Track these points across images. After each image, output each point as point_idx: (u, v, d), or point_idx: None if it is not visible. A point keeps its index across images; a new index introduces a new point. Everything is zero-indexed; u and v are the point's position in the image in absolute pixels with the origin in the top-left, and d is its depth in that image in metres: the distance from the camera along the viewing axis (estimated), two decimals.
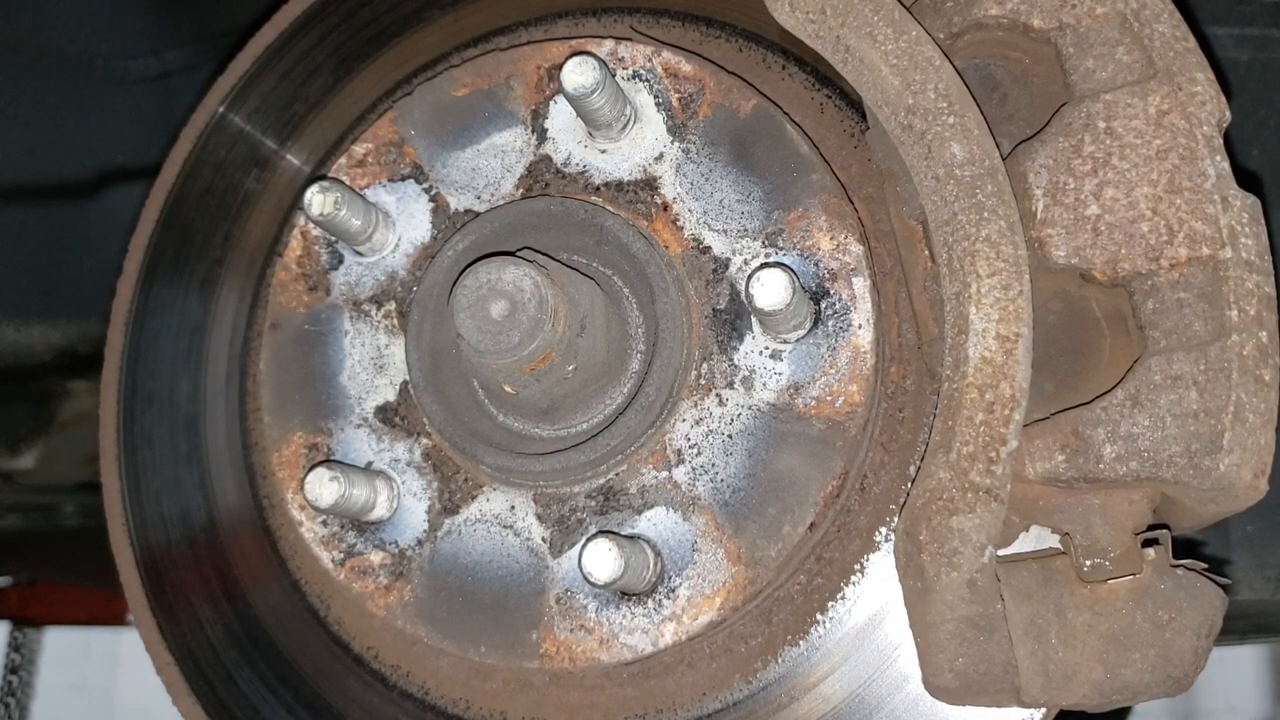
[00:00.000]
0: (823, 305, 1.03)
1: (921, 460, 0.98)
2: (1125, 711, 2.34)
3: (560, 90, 1.04)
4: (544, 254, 1.06)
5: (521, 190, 1.12)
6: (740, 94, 1.08)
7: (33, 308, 1.74)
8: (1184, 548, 1.02)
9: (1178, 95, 0.93)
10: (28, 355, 1.75)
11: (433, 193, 1.15)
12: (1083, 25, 0.97)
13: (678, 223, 1.07)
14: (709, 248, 1.06)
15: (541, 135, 1.13)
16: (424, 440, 1.11)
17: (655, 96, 1.09)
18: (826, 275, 1.04)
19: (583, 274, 1.07)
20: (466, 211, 1.14)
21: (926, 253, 1.01)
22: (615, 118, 1.07)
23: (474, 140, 1.14)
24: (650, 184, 1.08)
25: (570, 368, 1.04)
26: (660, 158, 1.08)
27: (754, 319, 1.03)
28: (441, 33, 1.25)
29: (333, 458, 1.12)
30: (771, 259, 1.05)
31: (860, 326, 1.03)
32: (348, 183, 1.16)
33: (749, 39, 1.16)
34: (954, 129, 0.94)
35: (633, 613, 1.02)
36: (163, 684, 1.20)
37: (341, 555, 1.10)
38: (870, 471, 1.06)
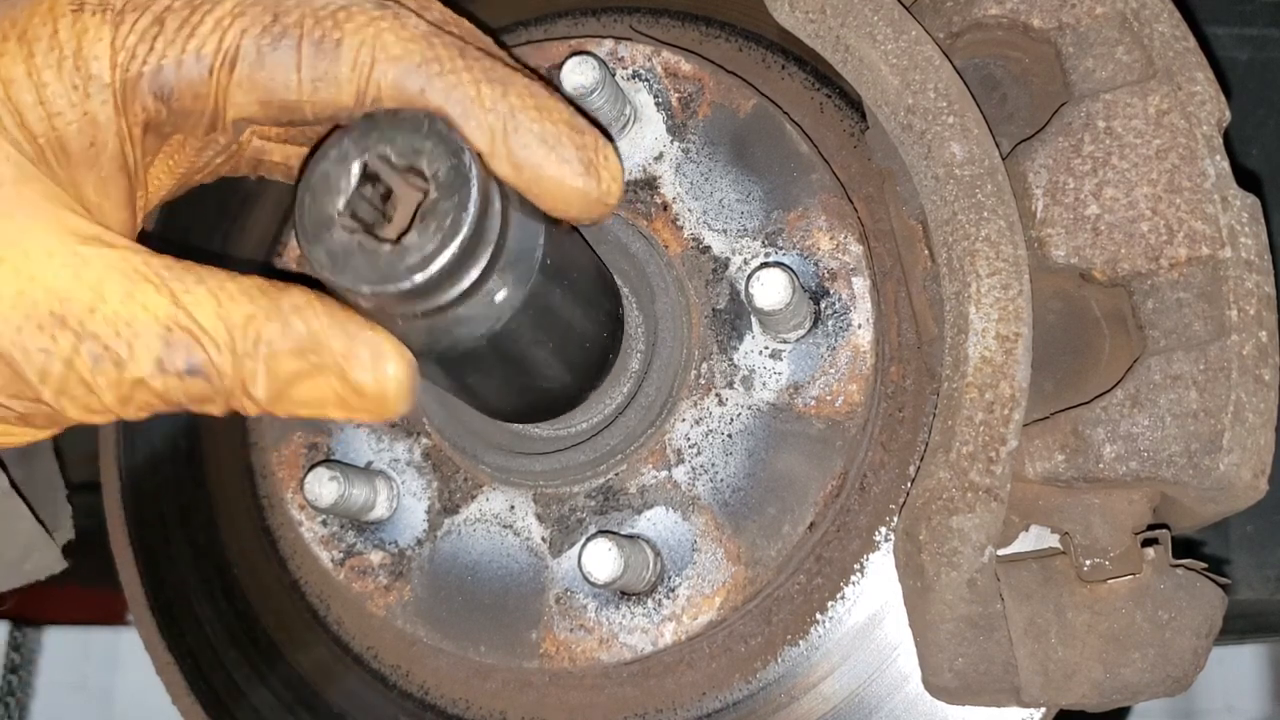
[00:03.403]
0: (822, 305, 1.03)
1: (921, 460, 0.98)
2: (1125, 711, 2.34)
3: (560, 90, 1.04)
4: None
5: None
6: (740, 93, 1.08)
7: None
8: (1184, 547, 1.02)
9: (1177, 95, 0.93)
10: None
11: None
12: (1082, 25, 0.97)
13: (677, 222, 1.07)
14: (708, 247, 1.06)
15: None
16: (424, 440, 1.11)
17: (655, 96, 1.09)
18: (826, 275, 1.04)
19: None
20: None
21: (926, 252, 1.01)
22: (615, 117, 1.07)
23: None
24: (650, 183, 1.08)
25: None
26: (660, 157, 1.08)
27: (754, 318, 1.03)
28: None
29: (332, 457, 1.12)
30: (771, 259, 1.05)
31: (860, 326, 1.03)
32: None
33: (749, 39, 1.16)
34: (954, 129, 0.94)
35: (632, 612, 1.02)
36: (163, 684, 1.20)
37: (341, 555, 1.10)
38: (870, 471, 1.06)
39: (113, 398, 0.79)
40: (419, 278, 0.76)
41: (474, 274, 0.79)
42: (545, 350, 0.93)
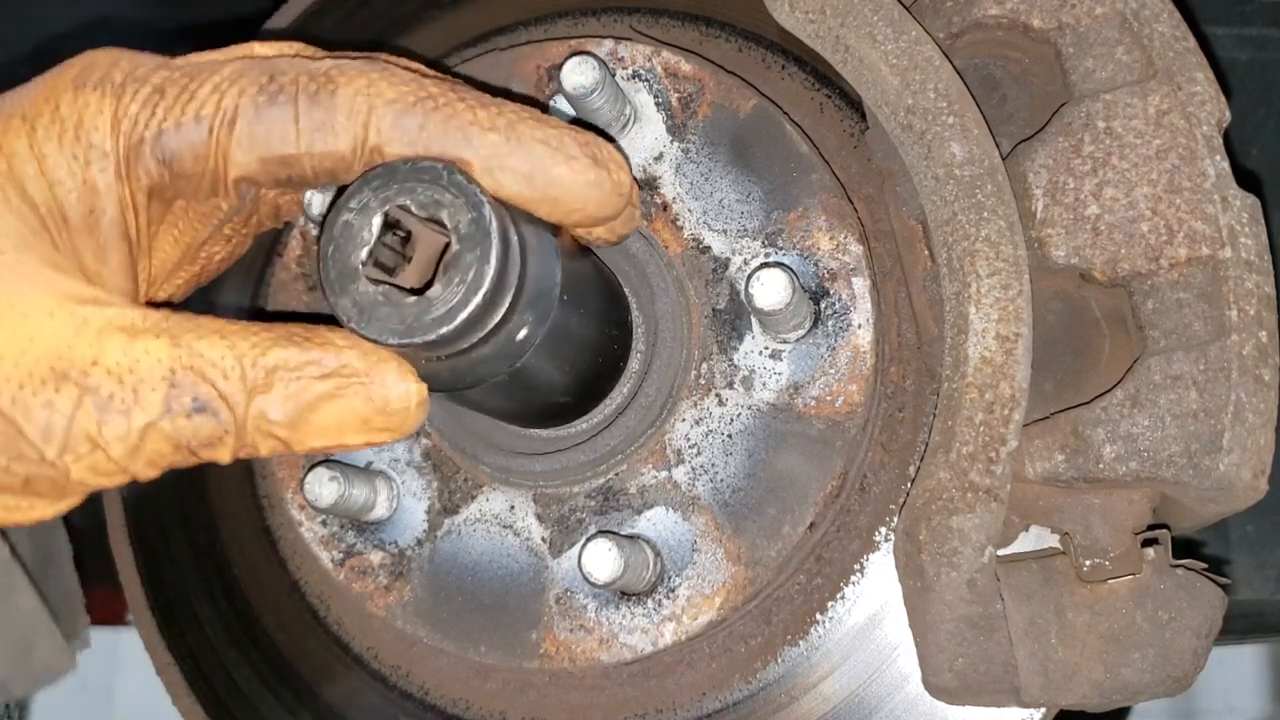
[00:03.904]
0: (822, 305, 1.03)
1: (921, 460, 0.98)
2: (1125, 711, 2.34)
3: (560, 90, 1.04)
4: None
5: None
6: (740, 94, 1.08)
7: None
8: (1184, 548, 1.02)
9: (1177, 95, 0.93)
10: None
11: None
12: (1082, 25, 0.97)
13: (677, 223, 1.07)
14: (709, 247, 1.06)
15: None
16: (424, 440, 1.11)
17: (655, 96, 1.09)
18: (826, 275, 1.04)
19: None
20: None
21: (926, 253, 1.01)
22: (615, 118, 1.07)
23: None
24: (650, 184, 1.08)
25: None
26: (660, 157, 1.08)
27: (754, 319, 1.03)
28: (441, 33, 1.24)
29: (332, 457, 1.12)
30: (771, 259, 1.05)
31: (860, 326, 1.03)
32: None
33: (749, 39, 1.16)
34: (954, 129, 0.94)
35: (632, 613, 1.02)
36: (163, 684, 1.20)
37: (341, 555, 1.10)
38: (870, 471, 1.06)
39: (121, 450, 0.78)
40: (445, 330, 0.78)
41: (496, 319, 0.81)
42: (563, 372, 0.95)
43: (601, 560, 0.97)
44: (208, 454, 0.81)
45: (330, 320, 0.83)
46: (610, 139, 1.07)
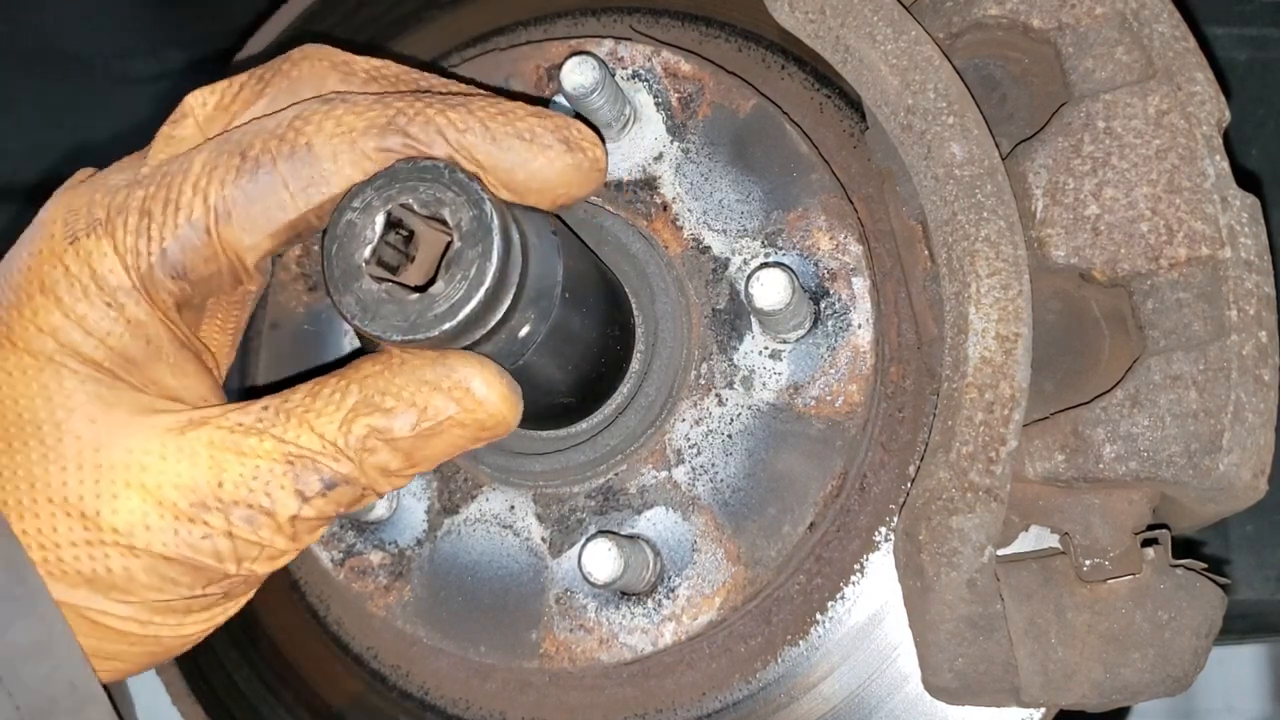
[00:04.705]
0: (822, 305, 1.03)
1: (921, 460, 0.98)
2: (1125, 711, 2.34)
3: (560, 90, 1.04)
4: None
5: None
6: (740, 94, 1.08)
7: None
8: (1184, 548, 1.02)
9: (1177, 95, 0.93)
10: None
11: None
12: (1082, 25, 0.97)
13: (677, 223, 1.07)
14: (708, 247, 1.06)
15: None
16: None
17: (655, 96, 1.09)
18: (826, 275, 1.04)
19: None
20: None
21: (926, 253, 1.01)
22: (614, 118, 1.07)
23: None
24: (649, 184, 1.08)
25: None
26: (660, 157, 1.08)
27: (753, 319, 1.03)
28: (440, 33, 1.25)
29: None
30: (771, 259, 1.05)
31: (860, 326, 1.03)
32: None
33: (749, 39, 1.16)
34: (953, 129, 0.94)
35: (632, 613, 1.02)
36: (163, 684, 1.20)
37: (341, 555, 1.10)
38: (870, 471, 1.06)
39: (284, 540, 0.85)
40: (447, 326, 0.79)
41: (498, 316, 0.82)
42: (565, 372, 0.96)
43: (601, 560, 0.97)
44: (362, 505, 0.88)
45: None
46: (602, 136, 1.07)
